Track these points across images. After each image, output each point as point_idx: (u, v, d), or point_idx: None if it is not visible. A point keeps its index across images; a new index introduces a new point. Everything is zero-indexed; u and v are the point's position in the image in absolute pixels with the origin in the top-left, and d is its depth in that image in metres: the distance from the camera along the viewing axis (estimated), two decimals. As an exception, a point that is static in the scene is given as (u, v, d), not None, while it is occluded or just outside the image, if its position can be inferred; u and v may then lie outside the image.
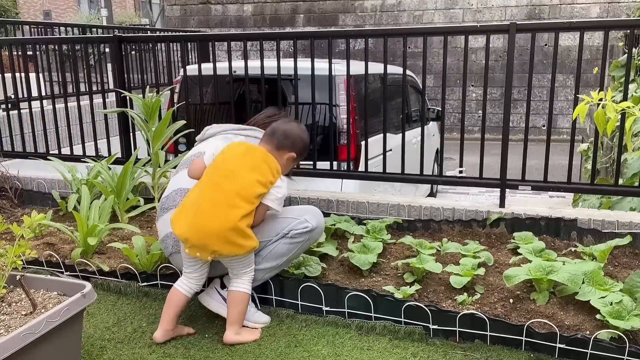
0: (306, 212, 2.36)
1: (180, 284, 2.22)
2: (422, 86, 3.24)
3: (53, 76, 5.25)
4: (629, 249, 2.75)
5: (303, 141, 2.38)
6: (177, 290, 2.21)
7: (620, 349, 1.89)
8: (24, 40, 5.52)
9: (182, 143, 3.77)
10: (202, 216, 2.09)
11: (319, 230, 2.36)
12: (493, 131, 10.25)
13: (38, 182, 3.91)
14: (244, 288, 2.18)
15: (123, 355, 2.10)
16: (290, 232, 2.27)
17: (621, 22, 4.01)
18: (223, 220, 2.07)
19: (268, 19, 13.05)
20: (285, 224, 2.28)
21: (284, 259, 2.31)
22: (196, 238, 2.08)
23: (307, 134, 2.43)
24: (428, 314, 2.14)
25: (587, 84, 10.47)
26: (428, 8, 12.10)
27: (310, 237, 2.33)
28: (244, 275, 2.19)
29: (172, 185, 2.46)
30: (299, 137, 2.36)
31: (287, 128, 2.35)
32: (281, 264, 2.32)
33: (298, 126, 2.42)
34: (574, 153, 3.05)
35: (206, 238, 2.07)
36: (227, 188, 2.11)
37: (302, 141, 2.38)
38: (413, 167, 3.41)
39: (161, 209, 2.42)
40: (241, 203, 2.09)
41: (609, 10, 11.20)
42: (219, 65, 3.53)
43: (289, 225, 2.28)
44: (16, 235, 1.94)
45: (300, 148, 2.37)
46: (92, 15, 22.25)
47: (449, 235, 3.01)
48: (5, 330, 1.73)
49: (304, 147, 2.40)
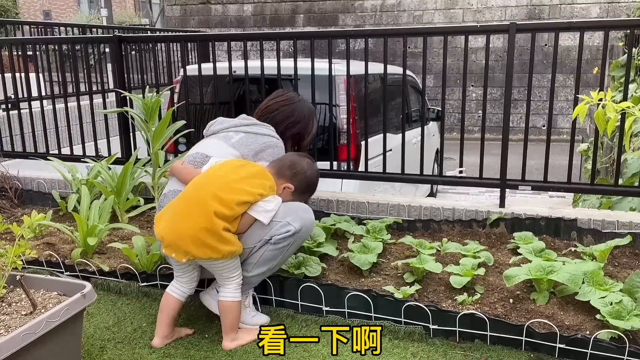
0: (289, 212, 2.19)
1: (172, 288, 2.20)
2: (422, 86, 3.24)
3: (53, 76, 5.24)
4: (629, 249, 2.75)
5: (306, 178, 2.30)
6: (169, 295, 2.18)
7: (620, 349, 1.89)
8: (24, 40, 5.53)
9: (182, 143, 3.77)
10: (177, 216, 2.06)
11: (304, 231, 2.22)
12: (493, 131, 10.24)
13: (38, 182, 3.91)
14: (231, 296, 2.12)
15: (123, 355, 2.10)
16: (273, 238, 2.15)
17: (621, 22, 4.01)
18: (195, 220, 2.01)
19: (268, 19, 13.05)
20: (267, 229, 2.16)
21: (273, 262, 2.21)
22: (170, 238, 2.04)
23: (315, 175, 2.36)
24: (428, 314, 2.14)
25: (587, 84, 10.47)
26: (428, 8, 12.10)
27: (295, 240, 2.20)
28: (229, 282, 2.12)
29: (169, 185, 2.44)
30: (304, 173, 2.29)
31: (297, 160, 2.30)
32: (273, 267, 2.24)
33: (310, 164, 2.34)
34: (574, 153, 3.05)
35: (179, 239, 2.02)
36: (206, 189, 2.07)
37: (306, 178, 2.29)
38: (413, 167, 3.41)
39: (159, 207, 2.40)
40: (217, 205, 2.01)
41: (609, 10, 11.20)
42: (219, 65, 3.53)
43: (270, 230, 2.15)
44: (16, 235, 1.94)
45: (301, 183, 2.28)
46: (92, 15, 22.26)
47: (449, 235, 3.01)
48: (5, 330, 1.73)
49: (307, 185, 2.32)
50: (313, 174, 2.35)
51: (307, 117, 2.71)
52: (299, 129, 2.68)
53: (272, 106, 2.66)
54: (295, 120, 2.66)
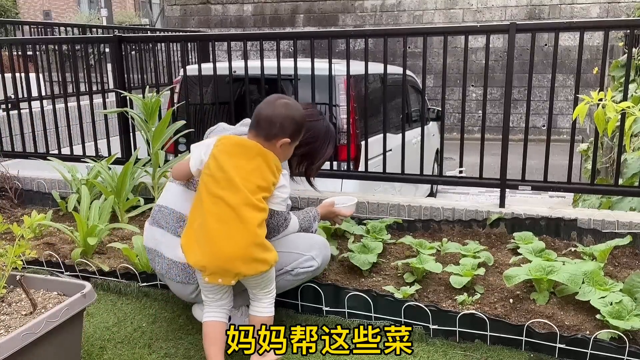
0: (313, 246, 2.17)
1: (214, 315, 1.98)
2: (422, 86, 3.24)
3: (53, 76, 5.25)
4: (629, 249, 2.75)
5: (293, 119, 2.00)
6: (216, 323, 1.97)
7: (620, 349, 1.88)
8: (24, 40, 5.53)
9: (182, 143, 3.77)
10: (216, 239, 1.84)
11: (323, 266, 2.23)
12: (493, 131, 10.23)
13: (38, 182, 3.91)
14: (265, 312, 1.98)
15: (123, 355, 2.10)
16: (295, 270, 2.13)
17: (621, 22, 4.01)
18: (240, 237, 1.83)
19: (268, 19, 13.05)
20: (291, 259, 2.11)
21: (280, 291, 2.16)
22: (215, 265, 1.84)
23: (295, 109, 2.03)
24: (428, 314, 2.14)
25: (587, 84, 10.46)
26: (428, 8, 12.10)
27: (313, 274, 2.21)
28: (264, 297, 1.98)
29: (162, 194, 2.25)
30: (287, 117, 1.99)
31: (269, 112, 1.99)
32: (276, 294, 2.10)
33: (283, 104, 2.01)
34: (574, 153, 3.05)
35: (227, 262, 1.83)
36: (233, 201, 1.85)
37: (292, 120, 1.99)
38: (413, 167, 3.41)
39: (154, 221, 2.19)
40: (253, 213, 1.85)
41: (609, 10, 11.20)
42: (219, 65, 3.53)
43: (294, 261, 2.12)
44: (16, 235, 1.94)
45: (293, 129, 2.00)
46: (92, 15, 22.25)
47: (449, 235, 3.01)
48: (5, 330, 1.73)
49: (297, 126, 2.02)
50: (293, 108, 2.02)
51: (323, 139, 2.35)
52: (310, 150, 2.32)
53: None
54: (307, 141, 2.27)
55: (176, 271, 2.10)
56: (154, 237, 2.18)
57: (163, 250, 2.14)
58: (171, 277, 2.13)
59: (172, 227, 2.12)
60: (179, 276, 2.10)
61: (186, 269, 2.07)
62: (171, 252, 2.10)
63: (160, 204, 2.20)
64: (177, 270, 2.10)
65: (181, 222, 2.10)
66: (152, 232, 2.19)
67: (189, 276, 2.08)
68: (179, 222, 2.11)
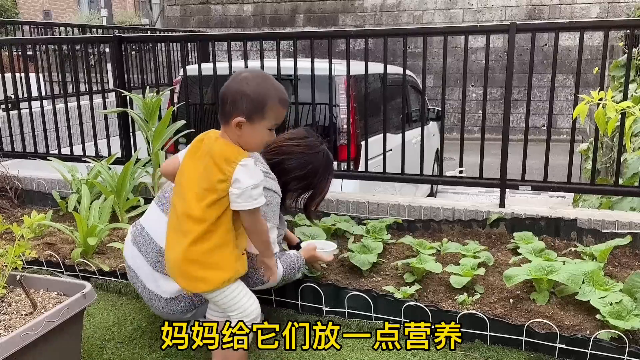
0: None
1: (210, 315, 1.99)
2: (422, 86, 3.24)
3: (53, 76, 5.25)
4: (629, 249, 2.75)
5: (244, 94, 1.67)
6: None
7: (620, 349, 1.88)
8: (24, 40, 5.52)
9: (182, 143, 3.77)
10: (167, 247, 1.82)
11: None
12: (493, 131, 10.23)
13: (38, 182, 3.91)
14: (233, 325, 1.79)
15: (123, 355, 2.10)
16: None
17: (621, 22, 4.01)
18: (179, 250, 1.72)
19: (268, 19, 13.05)
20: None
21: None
22: (168, 272, 1.84)
23: (253, 83, 1.69)
24: (428, 314, 2.14)
25: (587, 84, 10.46)
26: (428, 8, 12.10)
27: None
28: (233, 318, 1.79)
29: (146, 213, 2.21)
30: (238, 92, 1.68)
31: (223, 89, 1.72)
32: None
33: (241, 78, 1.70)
34: (574, 153, 3.05)
35: (171, 272, 1.81)
36: (179, 209, 1.75)
37: (243, 94, 1.67)
38: (413, 167, 3.41)
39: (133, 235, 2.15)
40: (189, 225, 1.69)
41: (609, 10, 11.20)
42: (219, 65, 3.53)
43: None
44: (16, 235, 1.94)
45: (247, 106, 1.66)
46: (92, 15, 22.26)
47: (449, 235, 3.01)
48: (5, 330, 1.73)
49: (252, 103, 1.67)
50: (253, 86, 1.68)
51: (323, 173, 2.26)
52: (309, 184, 2.26)
53: (286, 148, 2.24)
54: (306, 175, 2.23)
55: (158, 304, 2.07)
56: (134, 258, 2.13)
57: (144, 279, 2.09)
58: (154, 307, 2.11)
59: (152, 260, 2.06)
60: (162, 308, 2.08)
61: (168, 303, 2.04)
62: (152, 284, 2.07)
63: (143, 226, 2.14)
64: (160, 303, 2.07)
65: (160, 257, 2.01)
66: (133, 252, 2.13)
67: (172, 308, 2.06)
68: (158, 257, 2.03)
